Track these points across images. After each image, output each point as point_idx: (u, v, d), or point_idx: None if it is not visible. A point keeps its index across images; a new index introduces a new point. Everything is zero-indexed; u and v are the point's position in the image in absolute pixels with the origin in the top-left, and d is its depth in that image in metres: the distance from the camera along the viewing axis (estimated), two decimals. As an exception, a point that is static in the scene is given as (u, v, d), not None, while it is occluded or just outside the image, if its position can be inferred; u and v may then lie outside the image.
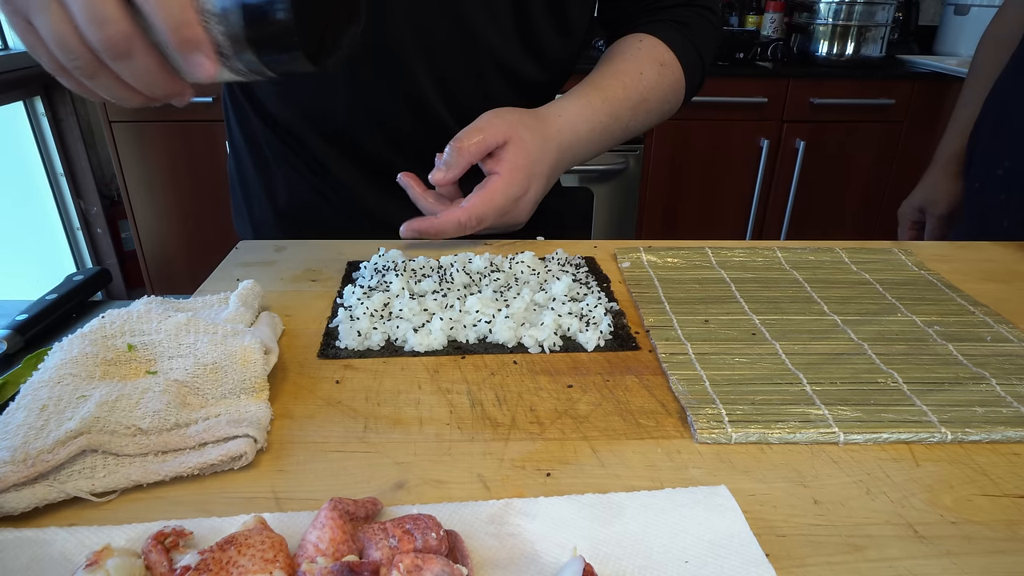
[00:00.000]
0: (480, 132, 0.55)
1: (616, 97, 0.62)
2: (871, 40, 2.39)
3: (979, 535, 0.32)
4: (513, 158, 0.54)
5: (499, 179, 0.53)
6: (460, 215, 0.54)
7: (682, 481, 0.35)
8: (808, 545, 0.32)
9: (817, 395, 0.42)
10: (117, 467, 0.34)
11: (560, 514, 0.32)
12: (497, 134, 0.54)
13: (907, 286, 0.58)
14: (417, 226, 0.55)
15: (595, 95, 0.62)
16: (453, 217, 0.54)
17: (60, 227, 2.17)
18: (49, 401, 0.36)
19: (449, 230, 0.54)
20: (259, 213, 0.79)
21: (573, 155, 0.61)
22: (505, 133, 0.54)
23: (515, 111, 0.57)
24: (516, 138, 0.55)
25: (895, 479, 0.36)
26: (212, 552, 0.27)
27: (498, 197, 0.53)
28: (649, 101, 0.66)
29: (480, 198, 0.54)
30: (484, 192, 0.54)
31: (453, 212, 0.54)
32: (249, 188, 0.79)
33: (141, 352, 0.42)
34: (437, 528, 0.29)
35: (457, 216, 0.54)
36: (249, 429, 0.36)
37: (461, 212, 0.54)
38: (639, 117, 0.65)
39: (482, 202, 0.53)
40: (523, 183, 0.54)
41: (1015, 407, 0.41)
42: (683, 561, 0.30)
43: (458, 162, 0.54)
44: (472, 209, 0.53)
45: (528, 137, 0.55)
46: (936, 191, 0.92)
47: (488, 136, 0.54)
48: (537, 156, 0.55)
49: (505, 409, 0.41)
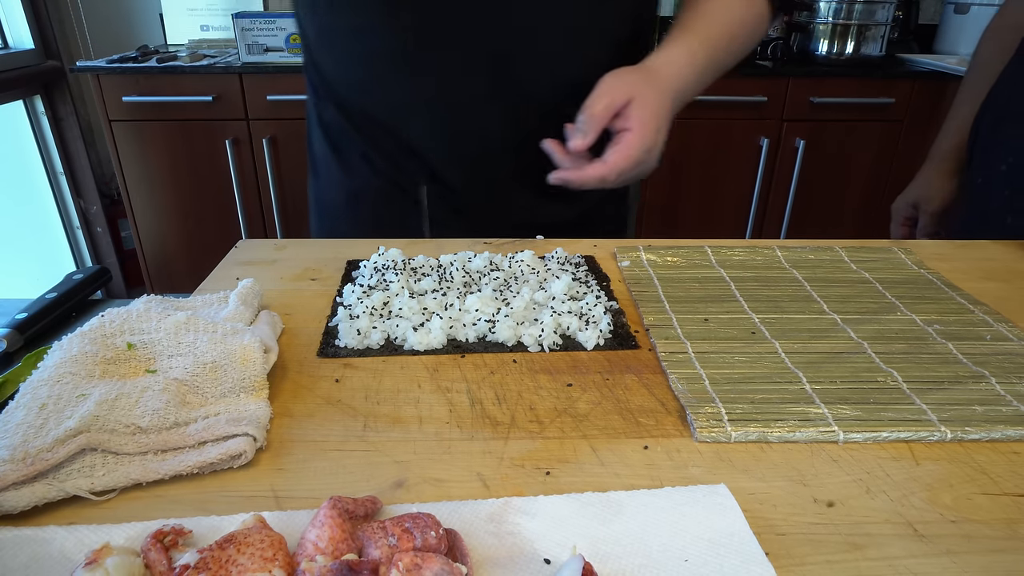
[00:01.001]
0: (606, 96, 0.58)
1: (712, 38, 0.65)
2: (871, 39, 2.39)
3: (979, 534, 0.32)
4: (640, 114, 0.58)
5: (632, 135, 0.57)
6: (602, 170, 0.57)
7: (682, 480, 0.35)
8: (808, 544, 0.32)
9: (817, 394, 0.42)
10: (116, 466, 0.34)
11: (560, 513, 0.32)
12: (621, 95, 0.58)
13: (907, 285, 0.58)
14: (564, 175, 0.59)
15: (694, 40, 0.65)
16: (596, 171, 0.58)
17: (60, 226, 2.17)
18: (48, 400, 0.36)
19: (591, 182, 0.58)
20: None
21: (683, 99, 0.64)
22: (628, 93, 0.58)
23: (630, 71, 0.61)
24: (639, 95, 0.58)
25: (895, 478, 0.36)
26: (211, 551, 0.27)
27: (634, 151, 0.57)
28: (739, 37, 0.69)
29: (618, 154, 0.58)
30: (621, 148, 0.58)
31: (596, 167, 0.58)
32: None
33: (141, 351, 0.42)
34: (436, 527, 0.29)
35: (599, 171, 0.58)
36: (248, 428, 0.36)
37: (603, 167, 0.57)
38: (732, 53, 0.69)
39: (621, 157, 0.57)
40: (652, 135, 0.58)
41: (1015, 406, 0.41)
42: (683, 560, 0.30)
43: (592, 127, 0.58)
44: (613, 164, 0.57)
45: (648, 92, 0.59)
46: (931, 187, 0.91)
47: (615, 98, 0.58)
48: (658, 108, 0.59)
49: (505, 408, 0.41)
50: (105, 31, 2.19)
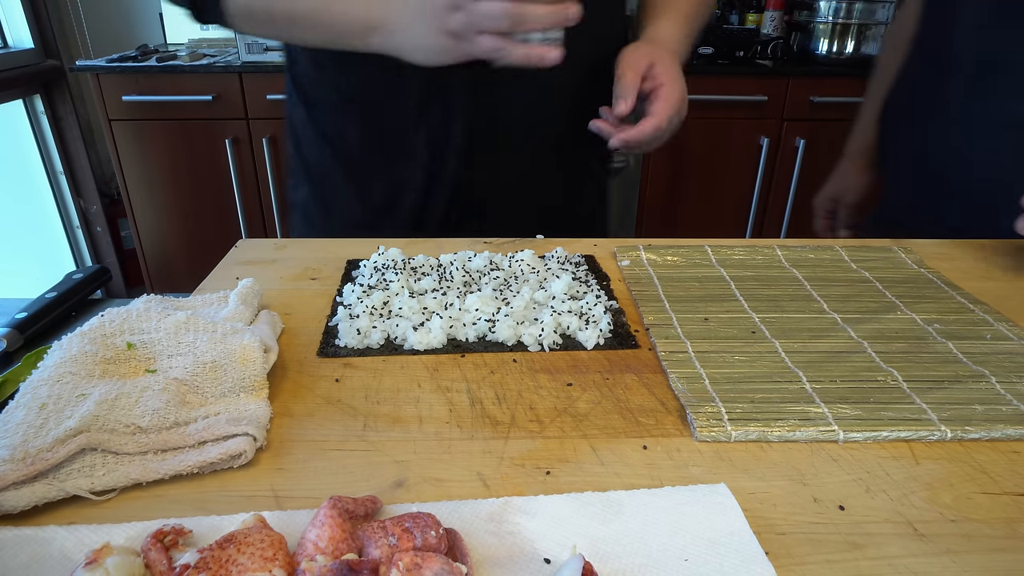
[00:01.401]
0: (631, 66, 0.66)
1: (688, 14, 0.76)
2: (871, 38, 2.39)
3: (979, 533, 0.32)
4: (665, 71, 0.66)
5: (666, 87, 0.65)
6: (655, 121, 0.64)
7: (682, 479, 0.35)
8: (808, 543, 0.32)
9: (817, 393, 0.42)
10: (116, 465, 0.34)
11: (560, 512, 0.32)
12: (644, 61, 0.66)
13: (907, 284, 0.58)
14: (624, 136, 0.65)
15: (674, 14, 0.75)
16: (650, 124, 0.64)
17: (60, 225, 2.17)
18: (48, 399, 0.36)
19: (649, 134, 0.65)
20: None
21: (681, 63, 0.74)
22: (648, 57, 0.66)
23: (638, 44, 0.70)
24: (657, 58, 0.67)
25: (895, 477, 0.36)
26: (211, 550, 0.27)
27: (673, 99, 0.65)
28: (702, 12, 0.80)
29: (661, 105, 0.65)
30: (662, 99, 0.65)
31: (648, 120, 0.64)
32: None
33: (140, 350, 0.42)
34: (436, 526, 0.29)
35: (652, 122, 0.64)
36: (248, 427, 0.36)
37: (654, 118, 0.64)
38: (700, 19, 0.79)
39: (665, 106, 0.64)
40: (680, 84, 0.67)
41: (1015, 405, 0.41)
42: (683, 559, 0.30)
43: (629, 92, 0.65)
44: (661, 113, 0.64)
45: (662, 54, 0.68)
46: (846, 182, 0.98)
47: (639, 64, 0.66)
48: (673, 65, 0.68)
49: (505, 407, 0.41)
50: (105, 30, 2.19)
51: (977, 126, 0.68)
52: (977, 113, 0.67)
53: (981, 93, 0.67)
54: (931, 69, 0.73)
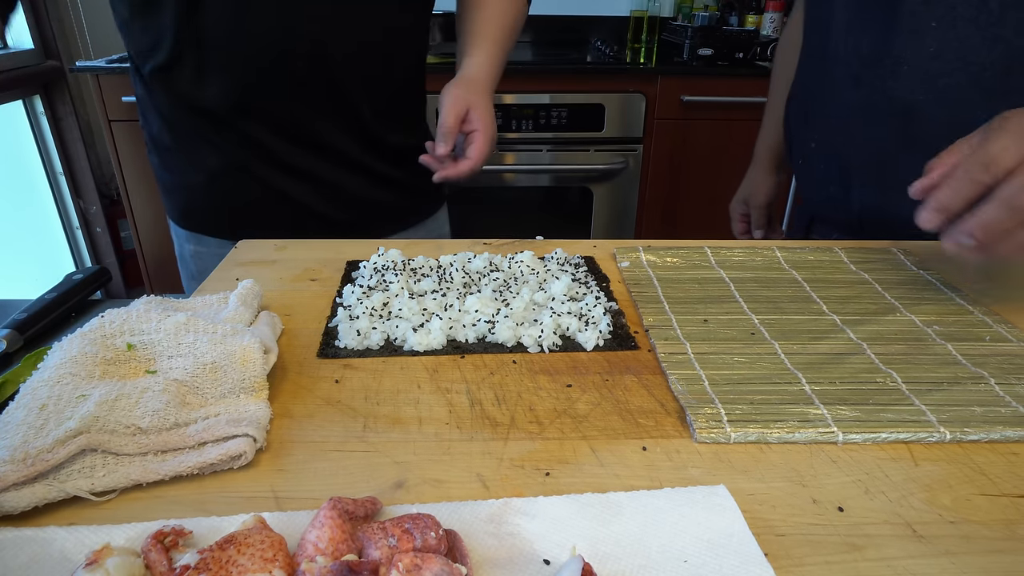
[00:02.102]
0: (451, 111, 0.74)
1: (500, 39, 0.84)
2: (870, 40, 2.38)
3: (977, 534, 0.32)
4: (480, 115, 0.75)
5: (480, 134, 0.75)
6: (470, 164, 0.74)
7: (681, 481, 0.35)
8: (807, 544, 0.32)
9: (816, 395, 0.42)
10: (116, 466, 0.34)
11: (559, 513, 0.32)
12: (462, 106, 0.75)
13: (906, 286, 0.58)
14: (444, 173, 0.74)
15: (489, 45, 0.83)
16: (466, 165, 0.75)
17: (59, 226, 2.17)
18: (48, 400, 0.36)
19: (465, 173, 0.75)
20: None
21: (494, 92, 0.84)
22: (465, 102, 0.75)
23: (456, 83, 0.77)
24: (474, 102, 0.76)
25: (894, 479, 0.36)
26: (211, 551, 0.27)
27: (486, 144, 0.75)
28: (517, 26, 0.88)
29: (477, 149, 0.75)
30: (477, 144, 0.75)
31: (465, 162, 0.74)
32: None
33: (140, 351, 0.42)
34: (436, 527, 0.29)
35: (468, 164, 0.74)
36: (248, 428, 0.36)
37: (469, 161, 0.74)
38: (512, 40, 0.87)
39: (479, 152, 0.75)
40: (492, 128, 0.77)
41: (1014, 407, 0.41)
42: (682, 560, 0.30)
43: (449, 137, 0.74)
44: (476, 157, 0.75)
45: (478, 99, 0.76)
46: (755, 184, 1.05)
47: (459, 110, 0.75)
48: (487, 105, 0.77)
49: (504, 409, 0.41)
50: (105, 31, 2.19)
51: (864, 114, 0.73)
52: (862, 102, 0.73)
53: (864, 83, 0.72)
54: (818, 67, 0.80)
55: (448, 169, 0.75)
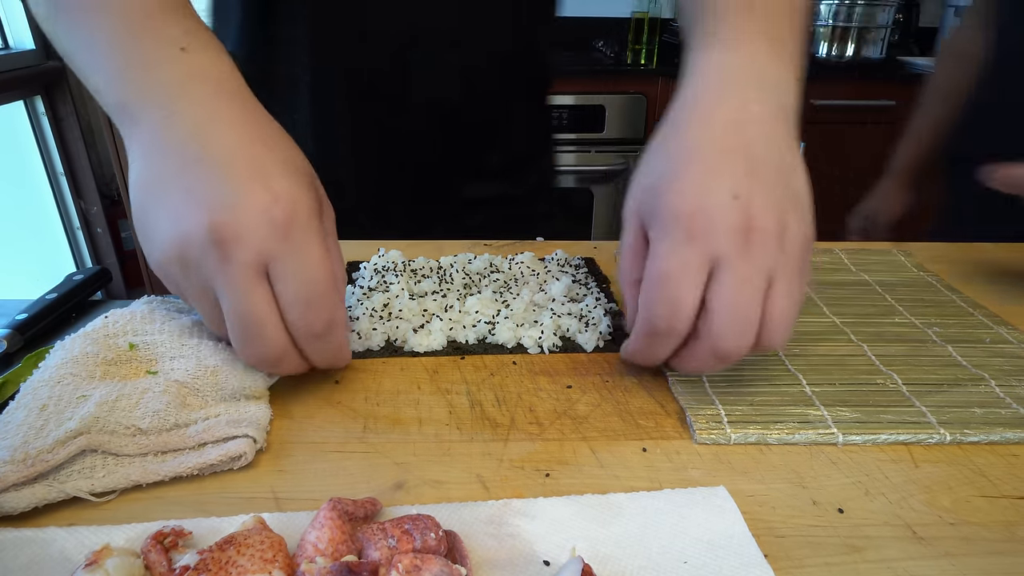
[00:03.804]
0: (621, 245, 0.42)
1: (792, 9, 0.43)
2: (871, 41, 2.39)
3: (977, 536, 0.32)
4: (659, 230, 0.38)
5: (652, 244, 0.38)
6: (638, 327, 0.40)
7: (681, 482, 0.36)
8: (807, 546, 0.32)
9: (816, 396, 0.42)
10: (116, 467, 0.34)
11: (559, 515, 0.32)
12: (630, 226, 0.41)
13: (907, 287, 0.58)
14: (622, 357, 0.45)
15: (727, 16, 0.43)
16: (635, 335, 0.41)
17: (60, 226, 2.17)
18: (49, 401, 0.36)
19: (641, 349, 0.41)
20: None
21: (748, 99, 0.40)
22: (636, 211, 0.41)
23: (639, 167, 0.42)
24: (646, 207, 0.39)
25: (893, 480, 0.36)
26: (211, 552, 0.27)
27: (657, 265, 0.38)
28: None
29: (644, 289, 0.39)
30: (644, 281, 0.39)
31: (636, 324, 0.41)
32: None
33: (142, 352, 0.42)
34: (436, 528, 0.29)
35: (638, 329, 0.40)
36: (248, 429, 0.36)
37: (639, 323, 0.40)
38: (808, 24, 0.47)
39: (648, 290, 0.38)
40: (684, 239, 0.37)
41: (1014, 408, 0.41)
42: (682, 562, 0.30)
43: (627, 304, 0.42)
44: (644, 308, 0.39)
45: (656, 174, 0.39)
46: (886, 200, 0.96)
47: (627, 241, 0.41)
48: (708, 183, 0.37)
49: (504, 410, 0.41)
50: (106, 32, 2.19)
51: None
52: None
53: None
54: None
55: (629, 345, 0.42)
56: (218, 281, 0.36)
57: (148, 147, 0.38)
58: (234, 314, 0.36)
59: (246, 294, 0.36)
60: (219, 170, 0.36)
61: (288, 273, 0.36)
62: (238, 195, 0.35)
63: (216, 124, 0.38)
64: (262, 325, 0.37)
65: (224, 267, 0.35)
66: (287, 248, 0.36)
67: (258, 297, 0.36)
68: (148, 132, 0.38)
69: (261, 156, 0.38)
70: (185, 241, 0.35)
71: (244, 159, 0.37)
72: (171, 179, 0.37)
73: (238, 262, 0.35)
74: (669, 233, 0.37)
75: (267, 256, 0.36)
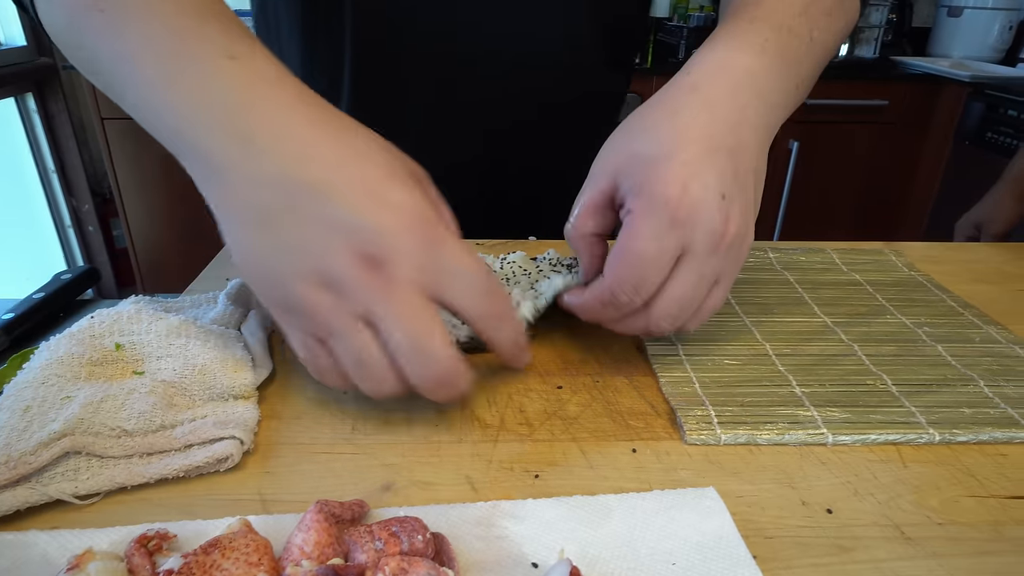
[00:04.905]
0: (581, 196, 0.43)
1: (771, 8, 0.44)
2: (865, 41, 2.40)
3: (965, 536, 0.32)
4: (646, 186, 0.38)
5: (632, 217, 0.39)
6: (598, 292, 0.40)
7: (671, 483, 0.35)
8: (795, 547, 0.32)
9: (806, 396, 0.42)
10: (101, 469, 0.34)
11: (548, 516, 0.32)
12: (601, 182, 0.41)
13: (897, 287, 0.58)
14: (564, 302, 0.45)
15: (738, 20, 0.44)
16: (592, 296, 0.41)
17: (51, 225, 2.16)
18: (33, 402, 0.36)
19: (591, 309, 0.42)
20: None
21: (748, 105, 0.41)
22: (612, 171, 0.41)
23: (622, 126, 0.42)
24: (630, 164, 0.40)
25: (883, 480, 0.36)
26: (195, 555, 0.27)
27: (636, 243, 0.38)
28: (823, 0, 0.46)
29: (615, 260, 0.39)
30: (616, 250, 0.39)
31: (593, 287, 0.41)
32: None
33: (129, 352, 0.42)
34: (424, 531, 0.29)
35: (596, 293, 0.41)
36: (236, 430, 0.36)
37: (600, 288, 0.40)
38: (819, 22, 0.45)
39: (619, 263, 0.39)
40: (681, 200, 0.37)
41: (1002, 408, 0.41)
42: (670, 563, 0.30)
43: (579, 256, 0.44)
44: (612, 279, 0.39)
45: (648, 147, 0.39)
46: (997, 208, 0.91)
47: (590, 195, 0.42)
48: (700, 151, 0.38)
49: (494, 410, 0.41)
50: (97, 29, 2.18)
51: None
52: None
53: None
54: None
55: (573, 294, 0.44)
56: (380, 306, 0.33)
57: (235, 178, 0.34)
58: (403, 333, 0.33)
59: (416, 309, 0.33)
60: (330, 196, 0.33)
61: (450, 274, 0.34)
62: (365, 217, 0.33)
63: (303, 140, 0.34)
64: (430, 337, 0.34)
65: (388, 287, 0.33)
66: (437, 254, 0.34)
67: (430, 313, 0.34)
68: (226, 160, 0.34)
69: (365, 170, 0.34)
70: (329, 276, 0.33)
71: (350, 179, 0.34)
72: (283, 213, 0.33)
73: (401, 280, 0.33)
74: (654, 213, 0.37)
75: (425, 269, 0.34)
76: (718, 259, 0.39)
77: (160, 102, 0.35)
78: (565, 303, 0.45)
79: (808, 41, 0.45)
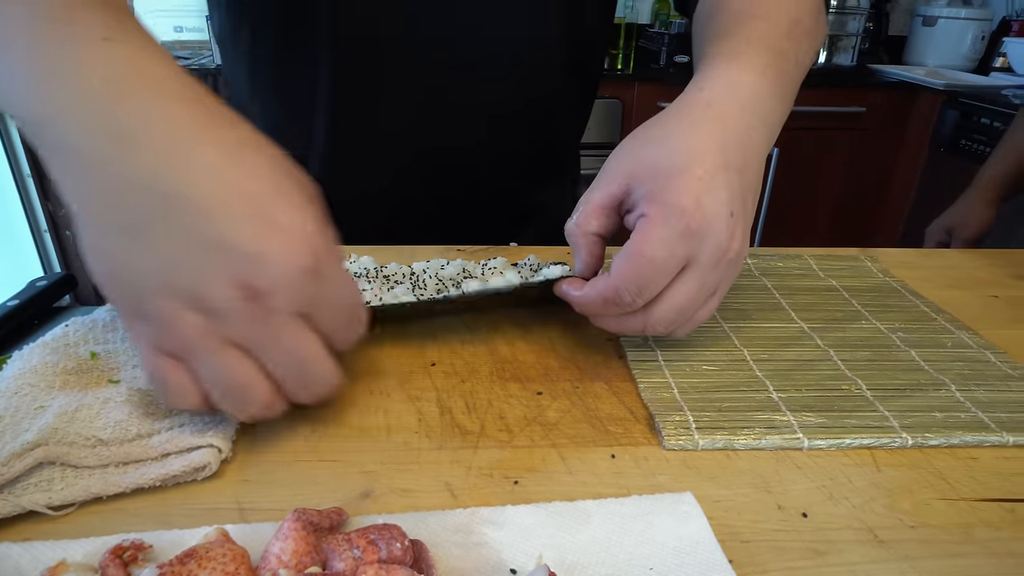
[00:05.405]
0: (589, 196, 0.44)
1: (761, 31, 0.47)
2: (842, 49, 2.44)
3: (935, 539, 0.33)
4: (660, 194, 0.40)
5: (645, 222, 0.39)
6: (602, 288, 0.41)
7: (649, 488, 0.36)
8: (771, 551, 0.32)
9: (783, 402, 0.43)
10: (76, 479, 0.33)
11: (527, 522, 0.32)
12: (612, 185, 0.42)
13: (872, 293, 0.59)
14: (563, 291, 0.45)
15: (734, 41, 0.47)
16: (595, 291, 0.42)
17: (27, 230, 2.12)
18: (5, 413, 0.35)
19: (591, 303, 0.43)
20: None
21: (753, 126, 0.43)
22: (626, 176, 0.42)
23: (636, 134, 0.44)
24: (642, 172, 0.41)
25: (857, 484, 0.37)
26: (171, 566, 0.27)
27: (648, 248, 0.39)
28: (803, 21, 0.50)
29: (624, 261, 0.40)
30: (626, 252, 0.40)
31: (596, 282, 0.42)
32: None
33: (104, 360, 0.42)
34: (402, 538, 0.29)
35: (599, 289, 0.41)
36: (213, 439, 0.36)
37: (604, 285, 0.41)
38: (802, 45, 0.49)
39: (628, 264, 0.39)
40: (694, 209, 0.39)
41: (973, 412, 0.42)
42: (648, 568, 0.30)
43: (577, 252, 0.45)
44: (618, 279, 0.40)
45: (665, 157, 0.40)
46: (969, 214, 0.92)
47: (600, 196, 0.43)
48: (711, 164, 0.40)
49: (474, 416, 0.41)
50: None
51: None
52: None
53: None
54: None
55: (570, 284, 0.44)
56: (258, 337, 0.32)
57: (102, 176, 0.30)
58: (287, 360, 0.33)
59: (299, 336, 0.33)
60: (211, 212, 0.30)
61: (326, 304, 0.34)
62: (248, 243, 0.31)
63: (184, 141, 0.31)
64: (317, 361, 0.34)
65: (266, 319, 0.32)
66: (319, 286, 0.33)
67: (310, 339, 0.34)
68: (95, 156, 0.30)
69: (251, 184, 0.32)
70: (202, 300, 0.31)
71: (235, 193, 0.31)
72: (154, 222, 0.30)
73: (281, 312, 0.32)
74: (668, 222, 0.39)
75: (305, 302, 0.33)
76: (718, 272, 0.41)
77: (23, 87, 0.31)
78: (563, 292, 0.45)
79: (795, 63, 0.49)
